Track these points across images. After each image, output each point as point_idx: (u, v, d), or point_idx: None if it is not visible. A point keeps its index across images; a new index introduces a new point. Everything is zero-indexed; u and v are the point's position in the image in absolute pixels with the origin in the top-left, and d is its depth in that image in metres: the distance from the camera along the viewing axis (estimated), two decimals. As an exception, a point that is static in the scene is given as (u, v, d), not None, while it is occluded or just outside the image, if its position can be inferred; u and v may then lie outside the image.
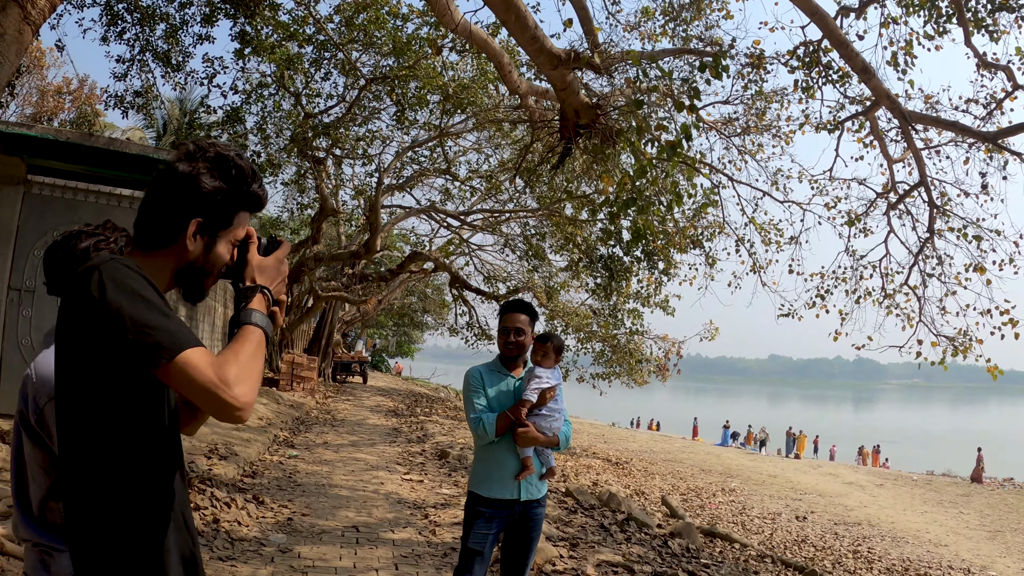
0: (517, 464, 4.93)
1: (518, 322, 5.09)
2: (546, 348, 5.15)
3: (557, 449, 5.13)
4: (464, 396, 5.11)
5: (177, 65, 17.12)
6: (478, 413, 4.91)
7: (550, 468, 5.13)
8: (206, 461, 10.83)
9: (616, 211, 9.52)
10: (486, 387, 5.02)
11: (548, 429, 4.97)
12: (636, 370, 24.95)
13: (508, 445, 4.93)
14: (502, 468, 4.94)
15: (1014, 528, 24.32)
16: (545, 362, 5.13)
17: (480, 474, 5.01)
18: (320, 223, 26.43)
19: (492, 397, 5.00)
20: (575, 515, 11.17)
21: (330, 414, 22.45)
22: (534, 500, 5.02)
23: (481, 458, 5.05)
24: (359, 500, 10.63)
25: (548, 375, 5.04)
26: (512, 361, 5.15)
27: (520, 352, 5.12)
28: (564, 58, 9.35)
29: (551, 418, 4.99)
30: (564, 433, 5.11)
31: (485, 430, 4.84)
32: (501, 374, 5.13)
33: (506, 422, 4.87)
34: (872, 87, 12.05)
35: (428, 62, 18.24)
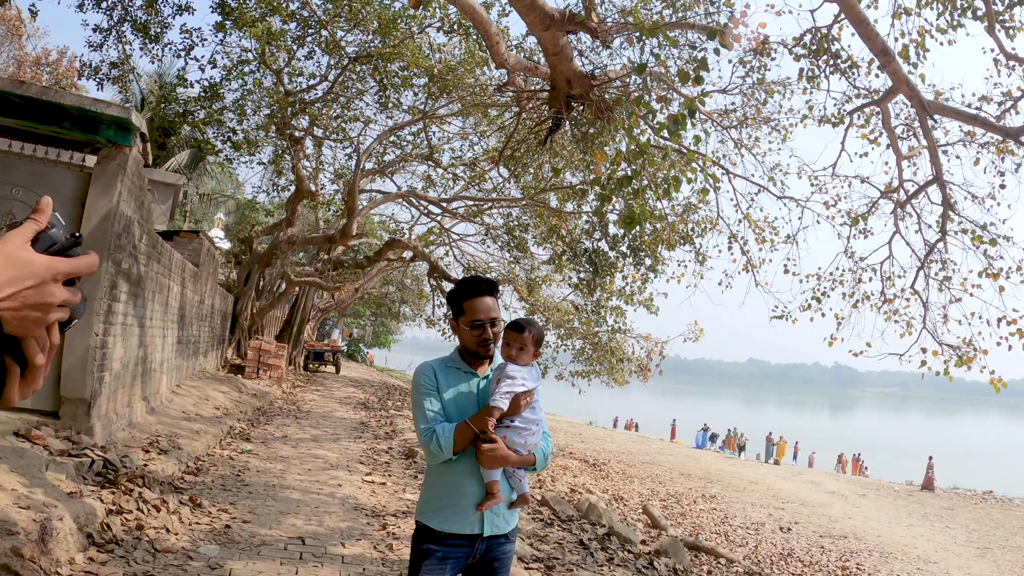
0: (480, 490, 3.76)
1: (493, 310, 3.87)
2: (523, 339, 3.89)
3: (533, 470, 3.94)
4: (413, 400, 3.88)
5: (156, 36, 16.41)
6: (431, 423, 3.70)
7: (523, 495, 3.95)
8: (143, 455, 9.73)
9: (608, 192, 8.54)
10: (442, 389, 3.82)
11: (522, 445, 3.80)
12: (617, 369, 24.17)
13: (469, 465, 3.75)
14: (461, 495, 3.75)
15: (1003, 545, 23.60)
16: (521, 357, 3.87)
17: (432, 501, 3.82)
18: (295, 205, 25.50)
19: (449, 402, 3.80)
20: (551, 528, 10.15)
21: (296, 405, 21.36)
22: (501, 535, 3.84)
23: (434, 481, 3.86)
24: (311, 505, 9.56)
25: (524, 374, 3.81)
26: (479, 357, 3.93)
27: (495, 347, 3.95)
28: (557, 18, 8.34)
29: (527, 431, 3.82)
30: (542, 450, 3.95)
31: (440, 446, 3.63)
32: (462, 372, 3.91)
33: (468, 435, 3.68)
34: (891, 71, 11.10)
35: (414, 42, 17.49)
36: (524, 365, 3.85)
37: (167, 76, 38.13)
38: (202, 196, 43.09)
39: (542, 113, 11.14)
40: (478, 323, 3.82)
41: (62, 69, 39.09)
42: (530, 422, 3.84)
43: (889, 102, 13.07)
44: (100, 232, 9.24)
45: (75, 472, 7.73)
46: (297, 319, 34.55)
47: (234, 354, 26.67)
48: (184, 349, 16.85)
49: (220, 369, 23.91)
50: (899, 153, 14.12)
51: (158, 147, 38.30)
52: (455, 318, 3.93)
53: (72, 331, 9.06)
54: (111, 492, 7.62)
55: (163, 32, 16.62)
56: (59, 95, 8.97)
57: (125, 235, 10.07)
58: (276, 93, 20.08)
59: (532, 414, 3.85)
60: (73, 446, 8.50)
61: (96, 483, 7.83)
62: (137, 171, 10.35)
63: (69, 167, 9.55)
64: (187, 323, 16.88)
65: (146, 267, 11.78)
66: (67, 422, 9.10)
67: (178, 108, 27.46)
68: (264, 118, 21.11)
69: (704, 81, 7.89)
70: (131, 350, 11.33)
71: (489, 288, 3.92)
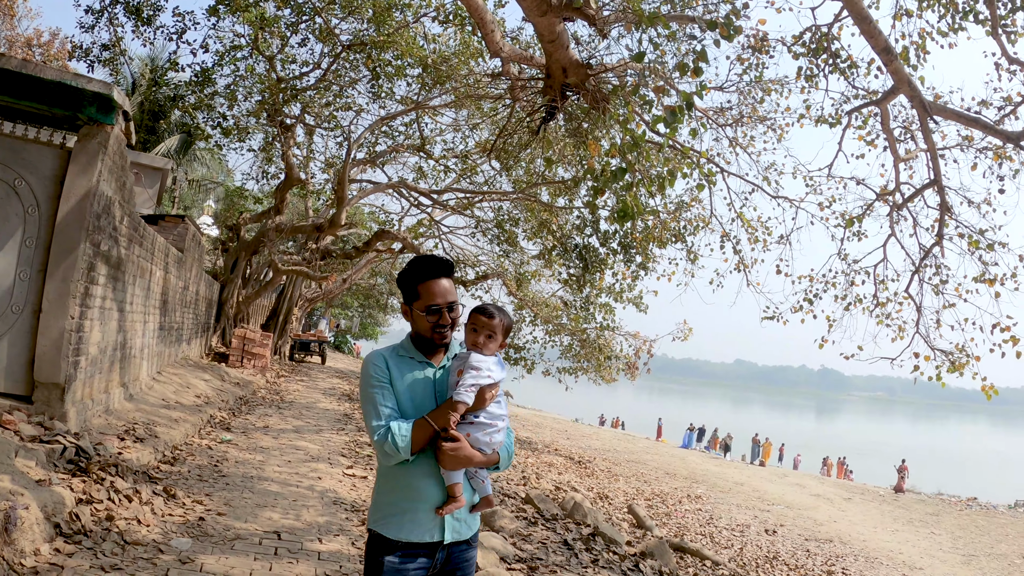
0: (440, 493, 3.41)
1: (450, 293, 3.49)
2: (493, 327, 3.53)
3: (496, 469, 3.60)
4: (363, 394, 3.46)
5: (148, 19, 16.16)
6: (384, 420, 3.32)
7: (486, 497, 3.61)
8: (118, 443, 9.47)
9: (601, 185, 8.31)
10: (395, 381, 3.42)
11: (487, 444, 3.45)
12: (604, 367, 24.06)
13: (428, 466, 3.39)
14: (419, 499, 3.38)
15: (988, 553, 23.52)
16: (488, 346, 3.51)
17: (386, 507, 3.44)
18: (284, 192, 25.23)
19: (404, 395, 3.41)
20: (535, 527, 9.94)
21: (279, 395, 21.09)
22: (463, 541, 3.51)
23: (387, 485, 3.47)
24: (289, 498, 9.32)
25: (490, 365, 3.46)
26: (434, 345, 3.55)
27: (452, 335, 3.59)
28: (554, 3, 8.10)
29: (492, 428, 3.47)
30: (507, 448, 3.61)
31: (396, 445, 3.26)
32: (416, 362, 3.51)
33: (427, 433, 3.32)
34: (893, 71, 10.92)
35: (409, 31, 17.30)
36: (490, 355, 3.51)
37: (159, 60, 37.83)
38: (191, 182, 42.74)
39: (536, 104, 10.90)
40: (434, 308, 3.45)
41: (54, 50, 38.73)
42: (495, 417, 3.50)
43: (889, 103, 12.91)
44: (78, 212, 8.98)
45: (46, 459, 7.48)
46: (284, 308, 34.27)
47: (218, 342, 26.39)
48: (166, 335, 16.58)
49: (204, 357, 23.62)
50: (896, 155, 13.96)
51: (148, 131, 37.96)
52: (407, 303, 3.55)
53: (47, 313, 8.82)
54: (82, 481, 7.37)
55: (155, 15, 16.39)
56: (39, 69, 8.70)
57: (105, 216, 9.80)
58: (268, 79, 19.84)
59: (498, 408, 3.52)
60: (45, 432, 8.25)
61: (67, 471, 7.58)
62: (119, 150, 10.08)
63: (49, 145, 9.28)
64: (170, 309, 16.60)
65: (127, 250, 11.51)
66: (40, 407, 8.85)
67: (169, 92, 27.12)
68: (255, 104, 20.87)
69: (703, 73, 7.68)
70: (109, 335, 11.07)
71: (446, 269, 3.55)
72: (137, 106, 37.80)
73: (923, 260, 13.77)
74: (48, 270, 8.88)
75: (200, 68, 18.37)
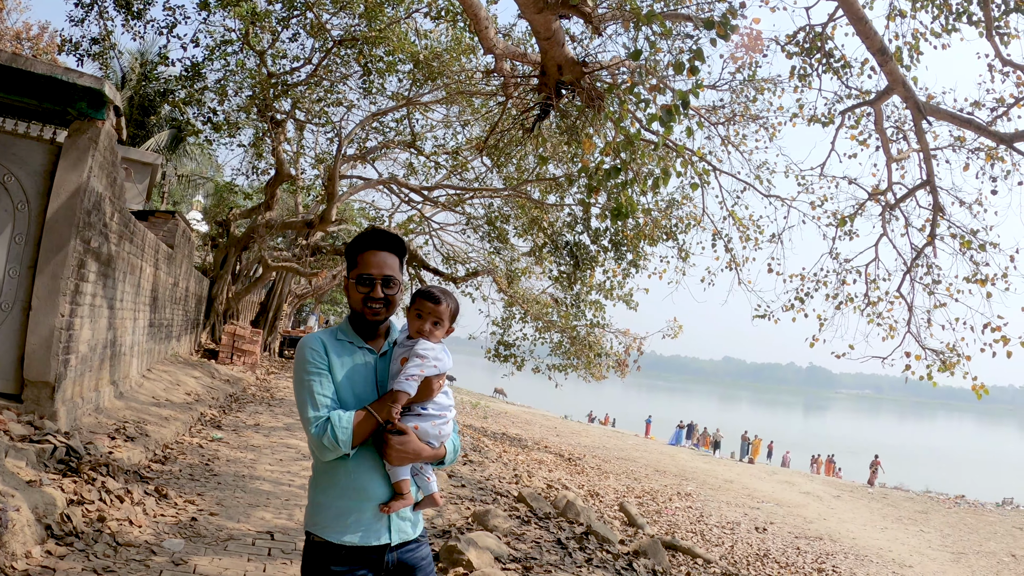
0: (386, 491, 3.13)
1: (387, 267, 3.22)
2: (439, 312, 3.28)
3: (440, 464, 3.36)
4: (297, 381, 3.15)
5: (138, 13, 16.04)
6: (322, 410, 3.03)
7: (430, 495, 3.32)
8: (108, 442, 9.40)
9: (596, 183, 8.28)
10: (333, 367, 3.14)
11: (436, 437, 3.22)
12: (594, 364, 24.05)
13: (370, 461, 3.12)
14: (362, 498, 3.11)
15: (977, 551, 23.57)
16: (435, 333, 3.27)
17: (327, 509, 3.13)
18: (275, 188, 25.15)
19: (343, 383, 3.14)
20: (528, 526, 9.90)
21: (269, 392, 21.02)
22: (410, 541, 3.23)
23: (326, 482, 3.16)
24: (281, 497, 9.27)
25: (437, 354, 3.22)
26: (372, 328, 3.28)
27: (388, 315, 3.29)
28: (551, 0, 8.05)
29: (440, 420, 3.25)
30: (453, 442, 3.39)
31: (335, 439, 2.97)
32: (355, 347, 3.24)
33: (369, 426, 3.04)
34: (887, 71, 10.91)
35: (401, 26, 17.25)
36: (436, 342, 3.27)
37: (149, 54, 37.69)
38: (181, 177, 42.59)
39: (529, 101, 10.87)
40: (365, 277, 3.19)
41: (43, 44, 38.48)
42: (444, 408, 3.28)
43: (882, 103, 12.90)
44: (68, 208, 8.89)
45: (36, 459, 7.41)
46: (273, 305, 34.18)
47: (208, 339, 26.29)
48: (156, 332, 16.49)
49: (193, 354, 23.52)
50: (889, 155, 13.96)
51: (137, 126, 37.80)
52: (348, 274, 3.30)
53: (37, 311, 8.74)
54: (73, 481, 7.29)
55: (146, 8, 16.33)
56: (29, 63, 8.61)
57: (95, 212, 9.72)
58: (259, 74, 19.78)
59: (445, 399, 3.30)
60: (35, 431, 8.17)
61: (57, 471, 7.50)
62: (110, 146, 10.00)
63: (39, 140, 9.20)
64: (160, 306, 16.51)
65: (117, 246, 11.42)
66: (30, 406, 8.77)
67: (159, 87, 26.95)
68: (246, 99, 20.80)
69: (699, 72, 7.65)
70: (99, 332, 10.99)
71: (390, 243, 3.28)
72: (127, 101, 37.66)
73: (915, 260, 13.80)
74: (38, 267, 8.80)
75: (190, 63, 18.29)
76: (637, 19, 7.54)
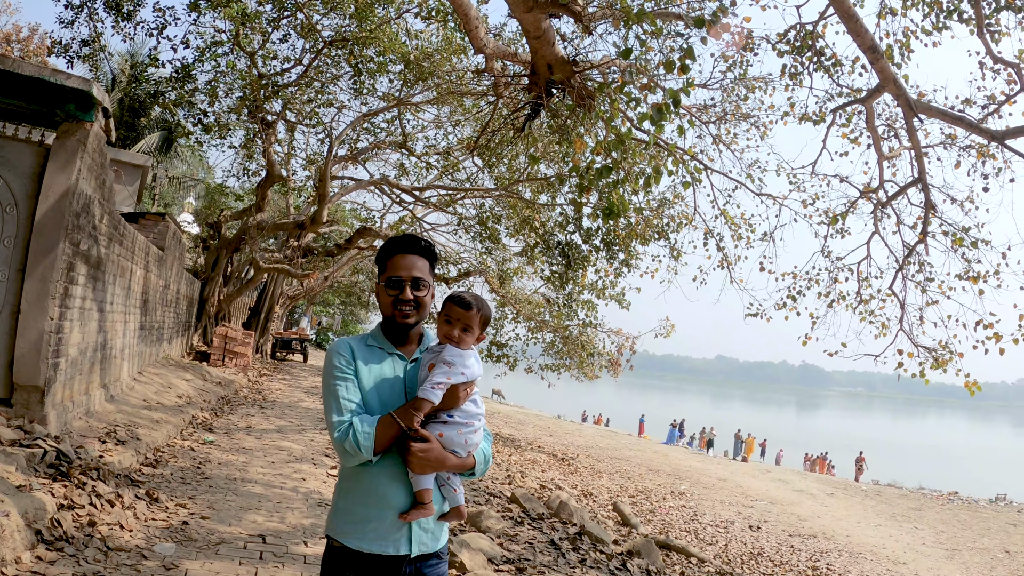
0: (408, 500, 3.06)
1: (415, 268, 3.17)
2: (469, 318, 3.17)
3: (471, 475, 3.26)
4: (325, 386, 3.10)
5: (128, 14, 15.97)
6: (346, 415, 2.99)
7: (456, 507, 3.23)
8: (99, 446, 9.35)
9: (587, 183, 8.25)
10: (360, 373, 3.09)
11: (462, 446, 3.12)
12: (587, 363, 24.04)
13: (393, 469, 3.05)
14: (383, 506, 3.04)
15: (971, 547, 23.62)
16: (464, 339, 3.17)
17: (347, 514, 3.10)
18: (266, 190, 25.08)
19: (370, 389, 3.08)
20: (521, 527, 9.88)
21: (261, 394, 20.95)
22: (431, 554, 3.15)
23: (349, 488, 3.12)
24: (273, 500, 9.22)
25: (465, 361, 3.11)
26: (403, 332, 3.21)
27: (418, 319, 3.21)
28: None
29: (468, 428, 3.13)
30: (483, 451, 3.27)
31: (357, 444, 2.92)
32: (385, 352, 3.19)
33: (392, 432, 2.98)
34: (879, 69, 10.89)
35: (391, 27, 17.23)
36: (465, 349, 3.17)
37: (139, 56, 37.61)
38: (172, 179, 42.48)
39: (520, 101, 10.84)
40: (394, 279, 3.14)
41: (33, 46, 38.39)
42: (472, 417, 3.16)
43: (873, 101, 12.90)
44: (57, 211, 8.84)
45: (26, 464, 7.36)
46: (265, 306, 34.07)
47: (200, 341, 26.20)
48: (147, 335, 16.42)
49: (185, 356, 23.44)
50: (881, 153, 13.96)
51: (128, 128, 37.68)
52: (378, 280, 3.25)
53: (26, 314, 8.68)
54: (63, 485, 7.24)
55: (136, 10, 16.23)
56: (16, 64, 8.54)
57: (84, 215, 9.67)
58: (249, 76, 19.72)
59: (474, 407, 3.19)
60: (25, 436, 8.12)
61: (48, 475, 7.45)
62: (99, 148, 9.94)
63: (27, 142, 9.14)
64: (151, 308, 16.44)
65: (107, 249, 11.36)
66: (19, 410, 8.71)
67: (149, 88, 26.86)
68: (236, 101, 20.73)
69: (690, 70, 7.63)
70: (90, 335, 10.92)
71: (417, 246, 3.23)
72: (117, 103, 37.55)
73: (907, 257, 13.79)
74: (27, 270, 8.74)
75: (181, 64, 18.20)
76: (627, 17, 7.50)
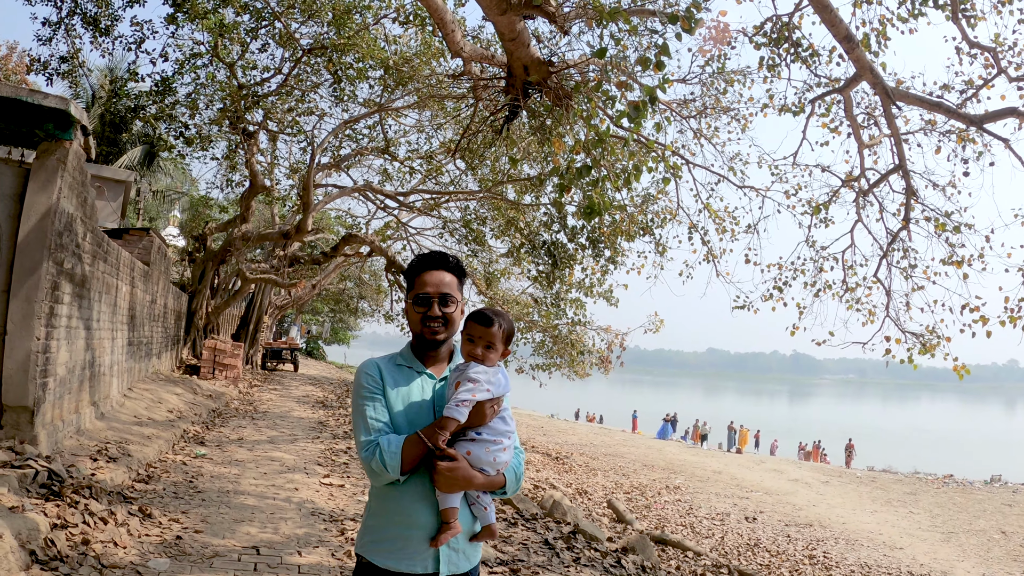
0: (435, 519, 3.02)
1: (444, 285, 3.15)
2: (491, 335, 3.14)
3: (502, 494, 3.21)
4: (354, 406, 3.12)
5: (106, 29, 15.93)
6: (373, 435, 3.00)
7: (488, 526, 3.17)
8: (90, 464, 9.34)
9: (567, 182, 8.27)
10: (389, 393, 3.09)
11: (491, 464, 3.06)
12: (577, 362, 24.07)
13: (421, 488, 3.02)
14: (411, 525, 3.02)
15: (967, 529, 23.75)
16: (488, 356, 3.13)
17: (375, 532, 3.10)
18: (250, 200, 25.02)
19: (397, 409, 3.08)
20: (515, 528, 9.91)
21: (252, 405, 20.93)
22: (462, 574, 3.11)
23: (378, 507, 3.12)
24: (267, 511, 9.22)
25: (490, 378, 3.07)
26: (432, 350, 3.21)
27: (448, 335, 3.19)
28: (514, 1, 8.04)
29: (496, 446, 3.08)
30: (513, 469, 3.20)
31: (383, 463, 2.93)
32: (414, 372, 3.19)
33: (419, 451, 2.96)
34: (855, 59, 10.96)
35: (369, 33, 17.21)
36: (491, 366, 3.12)
37: (118, 70, 37.50)
38: (156, 193, 42.38)
39: (498, 103, 10.86)
40: (422, 297, 3.13)
41: (11, 64, 38.27)
42: (500, 434, 3.12)
43: (851, 90, 12.97)
44: (40, 231, 8.83)
45: (18, 484, 7.35)
46: (254, 317, 34.01)
47: (189, 354, 26.14)
48: (136, 351, 16.39)
49: (175, 370, 23.39)
50: (861, 142, 14.02)
51: (109, 143, 37.56)
52: (407, 298, 3.26)
53: (12, 335, 8.67)
54: (56, 505, 7.24)
55: (113, 25, 16.16)
56: (-8, 87, 8.53)
57: (67, 233, 9.65)
58: (229, 86, 19.67)
59: (503, 424, 3.14)
60: (16, 457, 8.10)
61: (40, 496, 7.44)
62: (79, 166, 9.93)
63: (7, 163, 9.12)
64: (138, 324, 16.41)
65: (91, 267, 11.34)
66: (9, 431, 8.70)
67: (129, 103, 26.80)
68: (217, 112, 20.68)
69: (665, 67, 7.66)
70: (77, 354, 10.91)
71: (444, 262, 3.22)
72: (98, 118, 37.44)
73: (891, 244, 13.86)
74: (11, 291, 8.73)
75: (160, 77, 18.14)
76: (601, 16, 7.53)
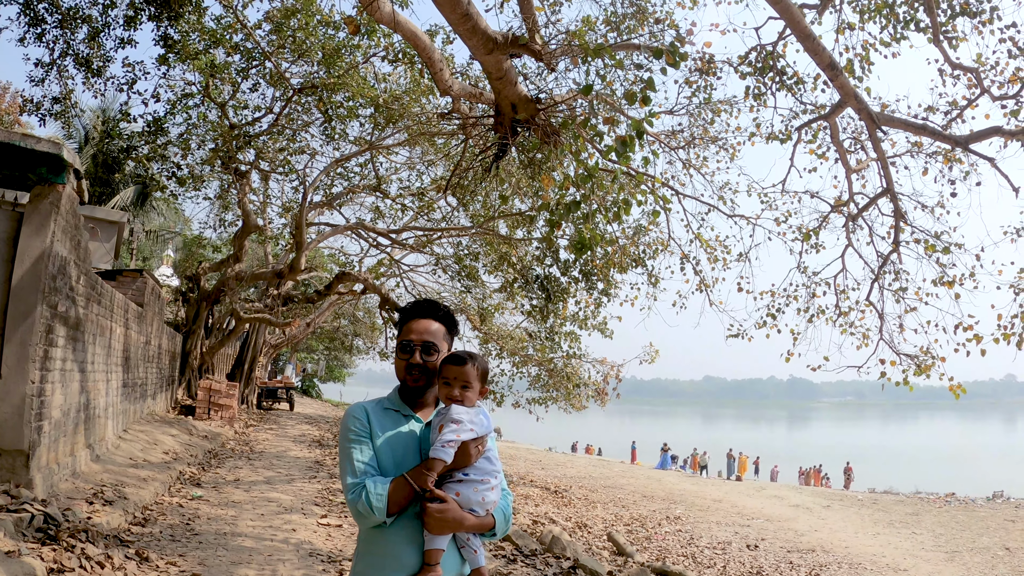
0: (421, 560, 3.03)
1: (428, 333, 3.25)
2: (466, 375, 3.21)
3: (492, 535, 3.24)
4: (340, 450, 3.17)
5: (98, 70, 16.04)
6: (359, 477, 3.04)
7: (477, 569, 3.19)
8: (87, 507, 9.32)
9: (557, 218, 8.34)
10: (375, 436, 3.15)
11: (479, 504, 3.11)
12: (574, 394, 24.03)
13: (408, 531, 3.05)
14: (397, 568, 3.03)
15: (970, 547, 23.63)
16: (467, 396, 3.20)
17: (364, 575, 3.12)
18: (243, 240, 25.05)
19: (384, 452, 3.13)
20: (515, 565, 9.88)
21: (248, 445, 20.86)
22: None
23: (367, 550, 3.14)
24: (264, 553, 9.19)
25: (472, 417, 3.15)
26: (418, 395, 3.30)
27: (429, 383, 3.27)
28: (500, 41, 8.15)
29: (484, 485, 3.14)
30: (502, 510, 3.25)
31: (370, 505, 2.96)
32: (400, 415, 3.25)
33: (406, 493, 3.00)
34: (839, 85, 11.10)
35: (359, 71, 17.35)
36: (471, 406, 3.20)
37: (110, 111, 37.67)
38: (149, 233, 42.43)
39: (488, 140, 10.95)
40: (405, 344, 3.23)
41: (4, 105, 38.40)
42: (487, 473, 3.18)
43: (837, 116, 13.10)
44: (34, 274, 8.86)
45: (14, 529, 7.33)
46: (248, 356, 33.96)
47: (184, 395, 26.06)
48: (130, 392, 16.36)
49: (170, 411, 23.32)
50: (848, 167, 14.15)
51: (102, 184, 37.66)
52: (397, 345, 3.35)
53: (7, 379, 8.67)
54: (52, 549, 7.21)
55: (105, 66, 16.26)
56: (-16, 135, 8.60)
57: (61, 277, 9.69)
58: (221, 126, 19.78)
59: (489, 464, 3.20)
60: (12, 501, 8.08)
61: (36, 540, 7.42)
62: (72, 209, 9.98)
63: (1, 206, 9.16)
64: (132, 365, 16.40)
65: (85, 309, 11.37)
66: (5, 475, 8.68)
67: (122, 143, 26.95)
68: (209, 152, 20.77)
69: (651, 101, 7.75)
70: (72, 396, 10.90)
71: (429, 310, 3.35)
72: (90, 159, 37.58)
73: (882, 267, 13.95)
74: (5, 334, 8.75)
75: (152, 118, 18.24)
76: (586, 53, 7.63)
